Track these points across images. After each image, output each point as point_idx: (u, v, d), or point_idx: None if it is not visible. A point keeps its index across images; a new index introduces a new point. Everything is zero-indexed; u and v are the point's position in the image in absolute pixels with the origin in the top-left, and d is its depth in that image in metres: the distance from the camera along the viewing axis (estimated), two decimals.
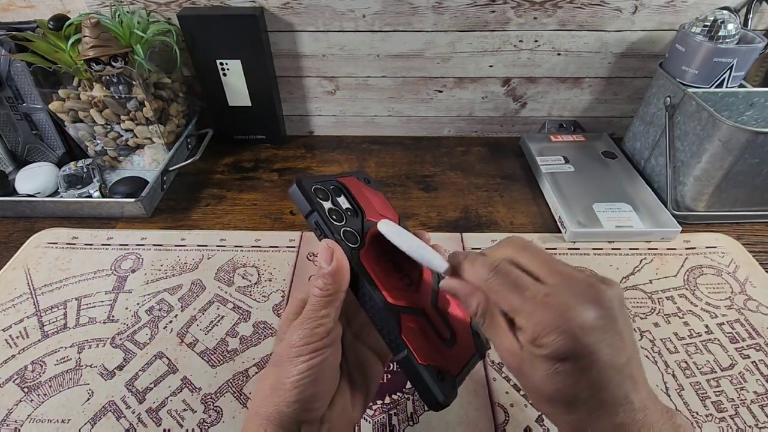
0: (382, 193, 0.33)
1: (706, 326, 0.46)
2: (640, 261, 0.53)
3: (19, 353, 0.44)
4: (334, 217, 0.27)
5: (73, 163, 0.62)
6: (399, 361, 0.25)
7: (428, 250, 0.27)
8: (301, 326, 0.25)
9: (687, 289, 0.50)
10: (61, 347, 0.44)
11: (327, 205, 0.28)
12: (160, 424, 0.38)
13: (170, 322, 0.46)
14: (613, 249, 0.54)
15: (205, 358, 0.43)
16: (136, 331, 0.46)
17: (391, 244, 0.27)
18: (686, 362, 0.43)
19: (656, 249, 0.54)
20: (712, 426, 0.38)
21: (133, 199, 0.57)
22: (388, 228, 0.28)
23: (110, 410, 0.39)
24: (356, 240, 0.27)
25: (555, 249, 0.54)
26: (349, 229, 0.27)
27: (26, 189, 0.60)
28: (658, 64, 0.63)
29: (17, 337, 0.45)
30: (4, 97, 0.62)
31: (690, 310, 0.47)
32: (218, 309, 0.48)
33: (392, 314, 0.26)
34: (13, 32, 0.58)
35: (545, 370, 0.22)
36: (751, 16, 0.62)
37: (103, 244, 0.55)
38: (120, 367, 0.42)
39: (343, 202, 0.29)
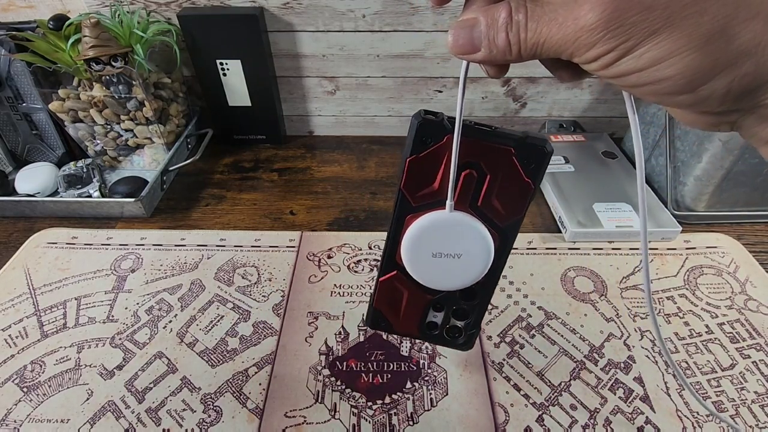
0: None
1: (707, 326, 0.46)
2: (641, 261, 0.52)
3: (18, 353, 0.44)
4: None
5: (72, 163, 0.62)
6: None
7: None
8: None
9: (687, 289, 0.50)
10: (61, 347, 0.44)
11: None
12: (159, 424, 0.38)
13: (170, 321, 0.46)
14: (613, 249, 0.54)
15: (204, 357, 0.43)
16: (135, 330, 0.46)
17: None
18: (687, 362, 0.43)
19: (656, 249, 0.54)
20: (713, 426, 0.38)
21: (132, 199, 0.57)
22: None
23: (110, 410, 0.39)
24: None
25: (555, 249, 0.54)
26: None
27: (26, 189, 0.60)
28: None
29: (17, 337, 0.45)
30: (4, 97, 0.62)
31: (690, 310, 0.47)
32: (218, 309, 0.48)
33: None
34: (13, 32, 0.58)
35: None
36: None
37: (102, 244, 0.55)
38: (119, 367, 0.42)
39: None
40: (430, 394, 0.40)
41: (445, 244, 0.27)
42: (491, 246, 0.27)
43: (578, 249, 0.54)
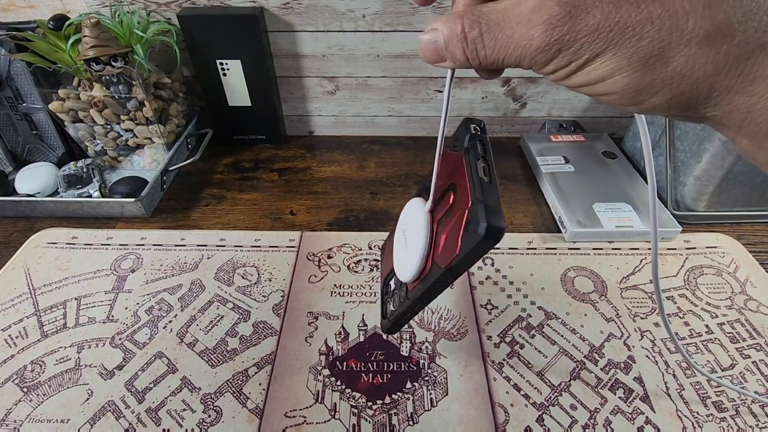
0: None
1: (707, 326, 0.46)
2: (641, 261, 0.53)
3: (18, 353, 0.44)
4: None
5: (73, 163, 0.62)
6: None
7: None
8: None
9: (687, 289, 0.50)
10: (61, 347, 0.44)
11: None
12: (159, 424, 0.38)
13: (170, 321, 0.46)
14: (613, 249, 0.54)
15: (204, 357, 0.43)
16: (135, 330, 0.46)
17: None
18: (687, 362, 0.43)
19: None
20: (713, 426, 0.38)
21: (132, 199, 0.57)
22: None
23: (110, 410, 0.39)
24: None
25: (555, 249, 0.54)
26: None
27: (26, 189, 0.60)
28: None
29: (17, 337, 0.45)
30: (4, 97, 0.62)
31: (690, 310, 0.47)
32: (218, 309, 0.48)
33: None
34: (13, 32, 0.58)
35: None
36: None
37: (102, 244, 0.55)
38: (119, 367, 0.42)
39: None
40: (430, 394, 0.40)
41: (409, 230, 0.30)
42: (418, 263, 0.28)
43: (578, 249, 0.54)
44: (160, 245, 0.55)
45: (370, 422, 0.38)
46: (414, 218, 0.29)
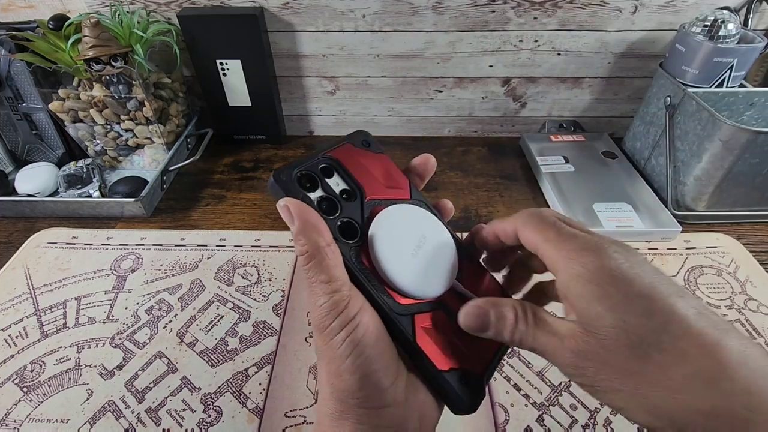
0: (386, 153, 0.29)
1: None
2: None
3: (18, 353, 0.44)
4: (325, 207, 0.23)
5: (73, 163, 0.63)
6: (417, 368, 0.22)
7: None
8: (314, 306, 0.21)
9: (687, 288, 0.50)
10: (61, 347, 0.44)
11: (315, 195, 0.23)
12: (159, 424, 0.38)
13: (170, 321, 0.46)
14: None
15: (204, 357, 0.43)
16: (135, 330, 0.46)
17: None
18: None
19: (656, 249, 0.54)
20: None
21: (132, 199, 0.57)
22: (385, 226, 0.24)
23: (109, 410, 0.39)
24: (356, 232, 0.23)
25: None
26: (345, 219, 0.23)
27: (26, 189, 0.60)
28: (658, 63, 0.63)
29: (17, 337, 0.45)
30: (4, 97, 0.62)
31: None
32: (218, 309, 0.48)
33: (404, 318, 0.22)
34: (13, 32, 0.58)
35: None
36: (751, 15, 0.62)
37: (102, 244, 0.55)
38: (119, 367, 0.42)
39: (337, 184, 0.24)
40: None
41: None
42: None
43: None
44: (160, 245, 0.55)
45: None
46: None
